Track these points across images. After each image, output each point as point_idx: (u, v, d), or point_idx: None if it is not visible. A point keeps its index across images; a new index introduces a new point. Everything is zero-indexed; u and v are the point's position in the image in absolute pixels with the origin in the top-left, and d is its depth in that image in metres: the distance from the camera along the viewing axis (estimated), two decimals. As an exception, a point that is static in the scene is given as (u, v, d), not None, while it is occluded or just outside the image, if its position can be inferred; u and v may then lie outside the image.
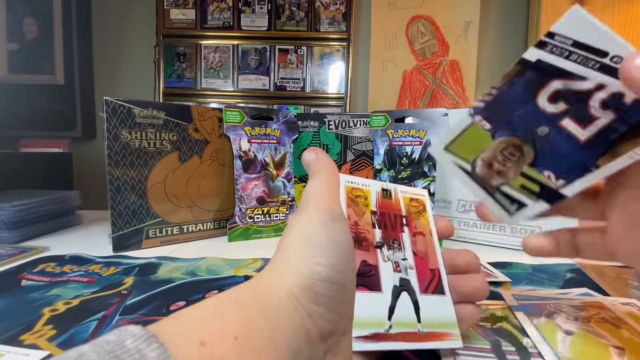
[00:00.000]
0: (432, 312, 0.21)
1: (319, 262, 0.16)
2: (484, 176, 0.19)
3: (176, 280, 0.35)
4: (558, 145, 0.17)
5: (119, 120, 0.44)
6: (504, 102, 0.18)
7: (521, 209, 0.18)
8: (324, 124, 0.60)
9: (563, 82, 0.16)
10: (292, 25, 1.39)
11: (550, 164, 0.17)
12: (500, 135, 0.19)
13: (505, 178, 0.18)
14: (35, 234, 0.51)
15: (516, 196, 0.18)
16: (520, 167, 0.18)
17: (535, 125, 0.17)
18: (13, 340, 0.24)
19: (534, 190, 0.18)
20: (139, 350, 0.12)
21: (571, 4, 0.93)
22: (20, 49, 1.32)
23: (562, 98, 0.16)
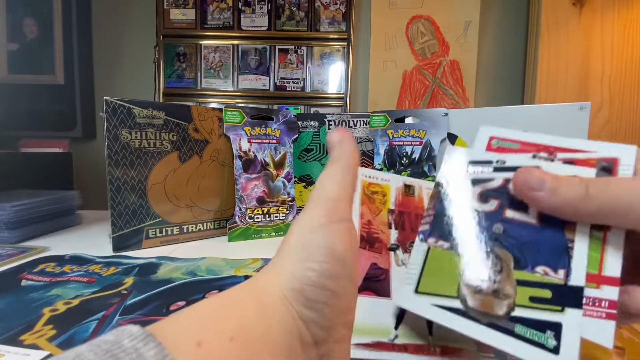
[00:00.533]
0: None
1: (310, 267, 0.16)
2: (481, 306, 0.15)
3: (176, 280, 0.35)
4: (522, 236, 0.16)
5: (119, 120, 0.44)
6: (446, 216, 0.18)
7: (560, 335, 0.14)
8: (324, 124, 0.60)
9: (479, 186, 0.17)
10: (292, 25, 1.39)
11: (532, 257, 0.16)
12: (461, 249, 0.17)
13: (506, 296, 0.15)
14: (35, 234, 0.51)
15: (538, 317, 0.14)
16: (510, 273, 0.16)
17: (489, 227, 0.17)
18: (13, 340, 0.24)
19: (547, 298, 0.15)
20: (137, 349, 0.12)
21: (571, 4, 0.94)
22: (20, 49, 1.32)
23: (488, 197, 0.17)
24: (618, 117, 1.23)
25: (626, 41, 1.21)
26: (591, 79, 1.24)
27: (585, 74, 1.24)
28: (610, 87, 1.23)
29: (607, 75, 1.23)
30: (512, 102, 1.37)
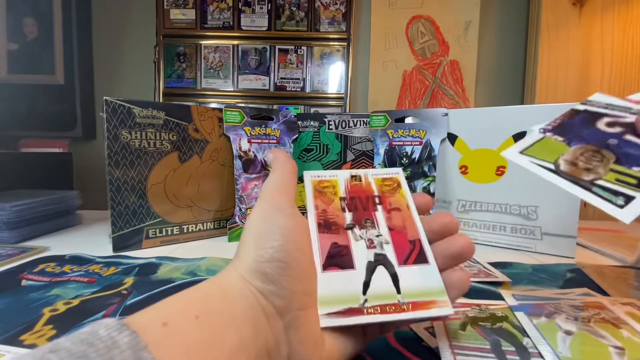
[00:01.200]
0: (414, 282, 0.21)
1: (262, 247, 0.18)
2: (571, 172, 0.20)
3: (176, 280, 0.35)
4: (632, 150, 0.20)
5: (119, 120, 0.44)
6: (569, 126, 0.22)
7: (630, 201, 0.18)
8: (324, 124, 0.60)
9: (611, 118, 0.21)
10: (292, 25, 1.39)
11: (634, 161, 0.19)
12: (576, 144, 0.21)
13: (595, 173, 0.20)
14: (35, 234, 0.51)
15: (618, 189, 0.19)
16: (607, 164, 0.20)
17: (605, 138, 0.21)
18: (13, 340, 0.24)
19: (632, 183, 0.19)
20: (112, 337, 0.13)
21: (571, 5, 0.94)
22: (20, 49, 1.32)
23: (616, 124, 0.21)
24: (618, 117, 1.23)
25: (626, 41, 1.21)
26: (591, 79, 1.24)
27: (585, 74, 1.24)
28: (610, 87, 1.23)
29: (607, 75, 1.23)
30: (512, 102, 1.37)
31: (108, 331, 0.13)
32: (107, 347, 0.13)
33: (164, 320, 0.15)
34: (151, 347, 0.13)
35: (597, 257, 0.45)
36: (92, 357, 0.12)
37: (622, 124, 0.21)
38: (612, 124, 0.22)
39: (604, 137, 0.21)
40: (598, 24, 1.22)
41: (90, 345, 0.12)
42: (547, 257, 0.45)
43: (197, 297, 0.17)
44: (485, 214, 0.50)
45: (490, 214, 0.50)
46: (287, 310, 0.18)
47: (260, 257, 0.18)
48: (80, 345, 0.12)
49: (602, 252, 0.47)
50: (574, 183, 0.20)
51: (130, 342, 0.13)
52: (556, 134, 0.22)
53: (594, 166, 0.20)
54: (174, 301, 0.17)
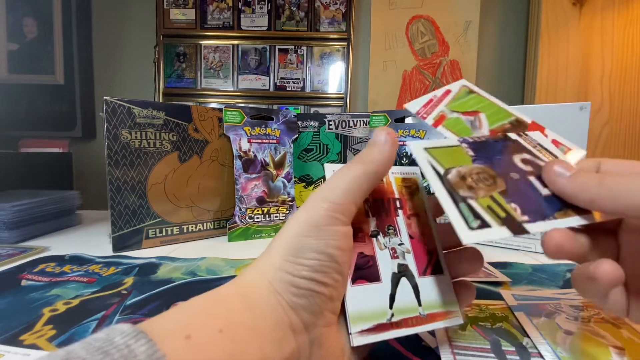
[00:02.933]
0: (432, 293, 0.21)
1: (301, 263, 0.17)
2: (454, 183, 0.20)
3: (176, 280, 0.35)
4: (525, 190, 0.20)
5: (119, 120, 0.44)
6: (488, 147, 0.22)
7: (483, 227, 0.18)
8: (324, 124, 0.60)
9: (531, 157, 0.22)
10: (292, 25, 1.39)
11: (518, 199, 0.19)
12: (479, 163, 0.21)
13: (474, 193, 0.19)
14: (35, 234, 0.51)
15: (481, 214, 0.19)
16: (492, 191, 0.20)
17: (510, 170, 0.21)
18: (13, 340, 0.24)
19: (499, 214, 0.19)
20: (128, 345, 0.12)
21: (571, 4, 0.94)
22: (20, 49, 1.32)
23: (529, 164, 0.21)
24: (618, 117, 1.23)
25: (626, 41, 1.21)
26: (591, 79, 1.24)
27: (585, 74, 1.24)
28: (610, 87, 1.23)
29: (607, 75, 1.23)
30: (512, 102, 1.37)
31: (124, 339, 0.13)
32: (124, 357, 0.12)
33: (187, 332, 0.14)
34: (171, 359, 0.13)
35: (597, 257, 0.45)
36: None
37: (535, 165, 0.21)
38: (527, 162, 0.22)
39: (511, 169, 0.21)
40: (598, 24, 1.22)
41: (106, 354, 0.12)
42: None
43: (221, 308, 0.16)
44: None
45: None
46: (313, 326, 0.17)
47: (296, 270, 0.17)
48: (95, 354, 0.12)
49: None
50: (448, 193, 0.20)
51: (147, 351, 0.12)
52: (471, 147, 0.22)
53: (478, 187, 0.20)
54: (196, 309, 0.16)
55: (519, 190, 0.20)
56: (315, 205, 0.18)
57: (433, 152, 0.21)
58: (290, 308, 0.17)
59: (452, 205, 0.19)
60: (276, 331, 0.16)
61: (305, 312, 0.17)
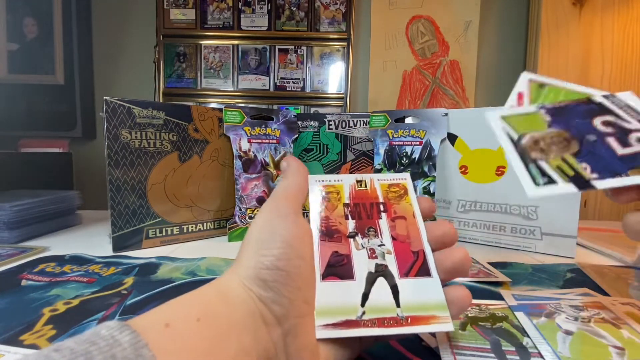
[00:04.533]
0: (415, 296, 0.20)
1: (262, 254, 0.18)
2: (527, 147, 0.21)
3: (176, 280, 0.35)
4: (600, 150, 0.21)
5: (119, 120, 0.44)
6: (568, 111, 0.23)
7: (550, 184, 0.19)
8: (324, 124, 0.60)
9: (615, 118, 0.22)
10: (292, 25, 1.39)
11: (590, 159, 0.20)
12: (556, 128, 0.22)
13: (545, 155, 0.21)
14: (35, 234, 0.51)
15: (549, 172, 0.20)
16: (563, 153, 0.21)
17: (587, 132, 0.22)
18: (13, 340, 0.24)
19: (567, 173, 0.20)
20: (113, 336, 0.14)
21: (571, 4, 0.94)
22: (20, 49, 1.32)
23: (611, 125, 0.22)
24: (618, 117, 1.23)
25: (626, 41, 1.21)
26: (591, 79, 1.24)
27: (585, 74, 1.24)
28: (610, 87, 1.23)
29: (607, 75, 1.23)
30: (512, 102, 1.37)
31: (110, 331, 0.14)
32: (109, 345, 0.13)
33: (165, 321, 0.15)
34: (153, 347, 0.14)
35: (597, 257, 0.45)
36: (94, 354, 0.13)
37: (617, 126, 0.22)
38: (608, 124, 0.22)
39: (588, 131, 0.22)
40: (598, 24, 1.22)
41: (93, 344, 0.13)
42: (547, 257, 0.45)
43: (198, 301, 0.17)
44: (485, 214, 0.50)
45: (490, 214, 0.50)
46: (285, 318, 0.18)
47: (260, 263, 0.18)
48: (82, 344, 0.13)
49: (602, 252, 0.47)
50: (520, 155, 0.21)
51: (131, 340, 0.13)
52: (549, 113, 0.23)
53: (550, 150, 0.21)
54: (175, 304, 0.17)
55: (592, 151, 0.21)
56: (267, 206, 0.21)
57: (509, 120, 0.23)
58: (260, 301, 0.18)
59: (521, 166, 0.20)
60: (251, 324, 0.17)
61: (275, 304, 0.18)
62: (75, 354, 0.12)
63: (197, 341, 0.15)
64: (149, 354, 0.13)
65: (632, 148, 0.21)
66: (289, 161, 0.25)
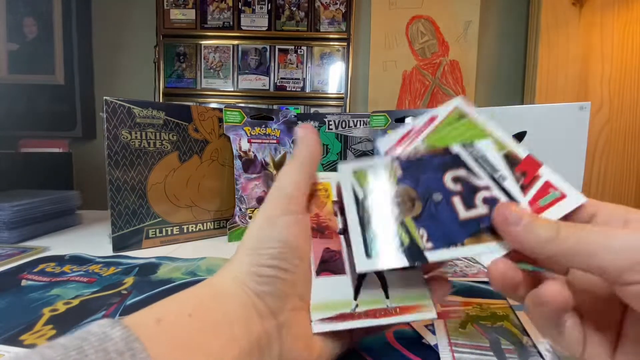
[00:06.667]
0: (401, 287, 0.21)
1: (260, 252, 0.19)
2: (369, 208, 0.20)
3: (176, 280, 0.35)
4: (442, 213, 0.19)
5: (119, 120, 0.44)
6: (421, 165, 0.22)
7: (381, 256, 0.18)
8: (324, 124, 0.60)
9: (466, 173, 0.20)
10: (292, 25, 1.39)
11: (430, 224, 0.19)
12: (404, 184, 0.21)
13: (385, 220, 0.20)
14: (35, 234, 0.51)
15: (385, 241, 0.19)
16: (405, 216, 0.20)
17: (434, 191, 0.20)
18: (13, 340, 0.24)
19: (403, 242, 0.19)
20: (104, 332, 0.14)
21: (571, 4, 0.93)
22: (20, 49, 1.32)
23: (461, 182, 0.20)
24: (618, 117, 1.23)
25: (626, 41, 1.21)
26: (591, 79, 1.24)
27: (585, 74, 1.24)
28: (610, 87, 1.23)
29: (607, 75, 1.23)
30: (512, 102, 1.37)
31: (101, 328, 0.14)
32: (100, 340, 0.13)
33: (157, 317, 0.16)
34: (145, 341, 0.14)
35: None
36: (86, 349, 0.13)
37: (467, 183, 0.20)
38: (458, 180, 0.20)
39: (436, 188, 0.20)
40: (598, 24, 1.22)
41: (84, 340, 0.13)
42: (547, 257, 0.45)
43: (191, 297, 0.18)
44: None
45: (490, 213, 0.50)
46: (280, 311, 0.18)
47: (257, 260, 0.18)
48: (74, 340, 0.13)
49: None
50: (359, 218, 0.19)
51: (122, 335, 0.14)
52: (402, 166, 0.21)
53: (393, 213, 0.20)
54: (167, 301, 0.17)
55: (434, 214, 0.19)
56: (269, 202, 0.20)
57: (359, 175, 0.22)
58: (256, 295, 0.18)
59: (358, 231, 0.19)
60: (243, 315, 0.17)
61: (270, 297, 0.18)
62: (67, 350, 0.13)
63: (188, 334, 0.15)
64: (140, 347, 0.14)
65: (474, 211, 0.19)
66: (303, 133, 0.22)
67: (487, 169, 0.20)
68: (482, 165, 0.21)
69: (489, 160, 0.21)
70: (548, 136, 0.46)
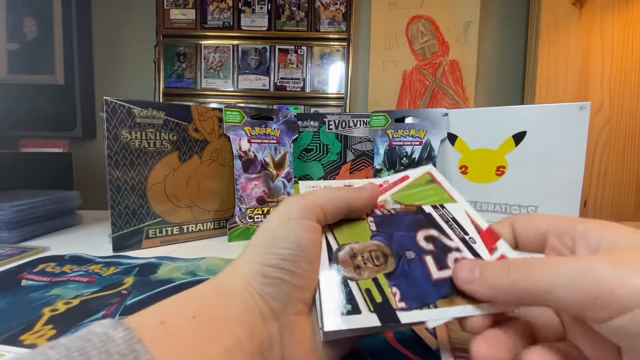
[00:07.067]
0: None
1: (271, 252, 0.18)
2: (342, 260, 0.20)
3: (176, 280, 0.35)
4: (415, 272, 0.19)
5: (119, 120, 0.44)
6: (394, 221, 0.22)
7: (352, 314, 0.17)
8: (324, 124, 0.60)
9: (438, 233, 0.21)
10: (292, 25, 1.39)
11: (402, 282, 0.19)
12: (378, 240, 0.21)
13: (358, 274, 0.19)
14: (35, 234, 0.51)
15: (357, 298, 0.18)
16: (378, 272, 0.19)
17: (407, 248, 0.20)
18: (13, 340, 0.24)
19: (375, 300, 0.18)
20: (106, 333, 0.14)
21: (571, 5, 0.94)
22: (20, 49, 1.32)
23: (433, 242, 0.20)
24: (618, 117, 1.23)
25: (626, 41, 1.21)
26: (591, 79, 1.24)
27: (585, 74, 1.24)
28: (610, 87, 1.23)
29: (607, 75, 1.23)
30: (512, 102, 1.37)
31: (103, 329, 0.14)
32: (103, 342, 0.13)
33: (161, 319, 0.15)
34: (148, 343, 0.14)
35: (597, 257, 0.45)
36: (88, 350, 0.13)
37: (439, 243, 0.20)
38: (430, 239, 0.20)
39: (409, 246, 0.20)
40: (598, 24, 1.22)
41: (87, 341, 0.13)
42: (547, 257, 0.45)
43: (195, 298, 0.17)
44: (485, 214, 0.50)
45: (490, 214, 0.50)
46: (283, 314, 0.18)
47: (265, 260, 0.18)
48: (77, 341, 0.13)
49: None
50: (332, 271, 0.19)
51: (125, 336, 0.14)
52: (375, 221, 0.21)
53: (365, 267, 0.19)
54: (172, 302, 0.17)
55: (407, 272, 0.19)
56: (286, 206, 0.20)
57: (335, 227, 0.21)
58: (260, 296, 0.18)
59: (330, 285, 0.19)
60: (247, 318, 0.17)
61: (274, 300, 0.18)
62: (70, 351, 0.13)
63: (192, 337, 0.15)
64: (143, 349, 0.14)
65: (446, 271, 0.19)
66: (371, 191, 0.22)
67: (458, 231, 0.21)
68: (453, 227, 0.21)
69: (459, 223, 0.21)
70: (548, 136, 0.46)
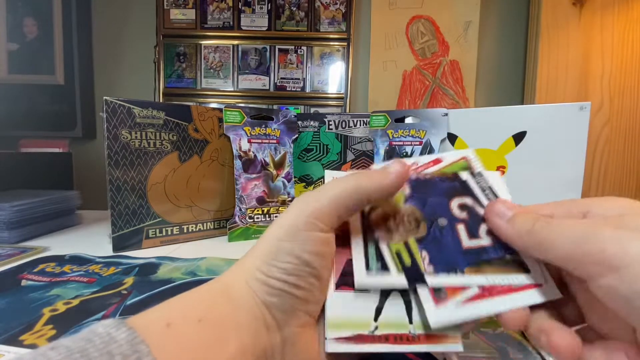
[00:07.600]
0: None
1: (273, 264, 0.18)
2: (374, 222, 0.20)
3: (176, 280, 0.35)
4: (446, 239, 0.19)
5: (119, 120, 0.44)
6: (429, 186, 0.21)
7: (382, 271, 0.18)
8: (324, 124, 0.60)
9: (473, 202, 0.20)
10: (292, 25, 1.38)
11: (432, 248, 0.19)
12: (411, 204, 0.20)
13: (390, 236, 0.19)
14: (35, 234, 0.51)
15: (386, 258, 0.18)
16: (409, 236, 0.19)
17: (440, 215, 0.20)
18: (13, 340, 0.24)
19: (404, 262, 0.18)
20: (109, 333, 0.14)
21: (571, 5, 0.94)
22: (20, 49, 1.32)
23: (466, 210, 0.20)
24: (618, 117, 1.23)
25: (626, 41, 1.21)
26: (591, 79, 1.24)
27: (585, 74, 1.24)
28: (610, 87, 1.23)
29: (607, 75, 1.23)
30: (512, 102, 1.37)
31: (106, 329, 0.14)
32: (105, 343, 0.13)
33: (166, 321, 0.15)
34: (152, 345, 0.14)
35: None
36: (90, 351, 0.13)
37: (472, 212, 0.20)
38: (464, 208, 0.20)
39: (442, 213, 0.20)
40: (598, 24, 1.22)
41: (89, 341, 0.13)
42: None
43: (202, 300, 0.17)
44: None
45: (490, 214, 0.50)
46: (286, 325, 0.18)
47: (269, 271, 0.18)
48: (79, 342, 0.13)
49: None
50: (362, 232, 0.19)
51: (128, 337, 0.13)
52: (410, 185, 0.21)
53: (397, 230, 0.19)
54: (177, 303, 0.17)
55: (438, 238, 0.19)
56: (298, 209, 0.18)
57: None
58: (264, 306, 0.17)
59: (361, 245, 0.19)
60: (253, 325, 0.17)
61: (278, 311, 0.17)
62: (71, 352, 0.12)
63: (197, 342, 0.15)
64: (146, 349, 0.13)
65: (477, 241, 0.19)
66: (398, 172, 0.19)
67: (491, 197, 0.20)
68: (489, 197, 0.20)
69: (496, 193, 0.21)
70: (548, 136, 0.46)
